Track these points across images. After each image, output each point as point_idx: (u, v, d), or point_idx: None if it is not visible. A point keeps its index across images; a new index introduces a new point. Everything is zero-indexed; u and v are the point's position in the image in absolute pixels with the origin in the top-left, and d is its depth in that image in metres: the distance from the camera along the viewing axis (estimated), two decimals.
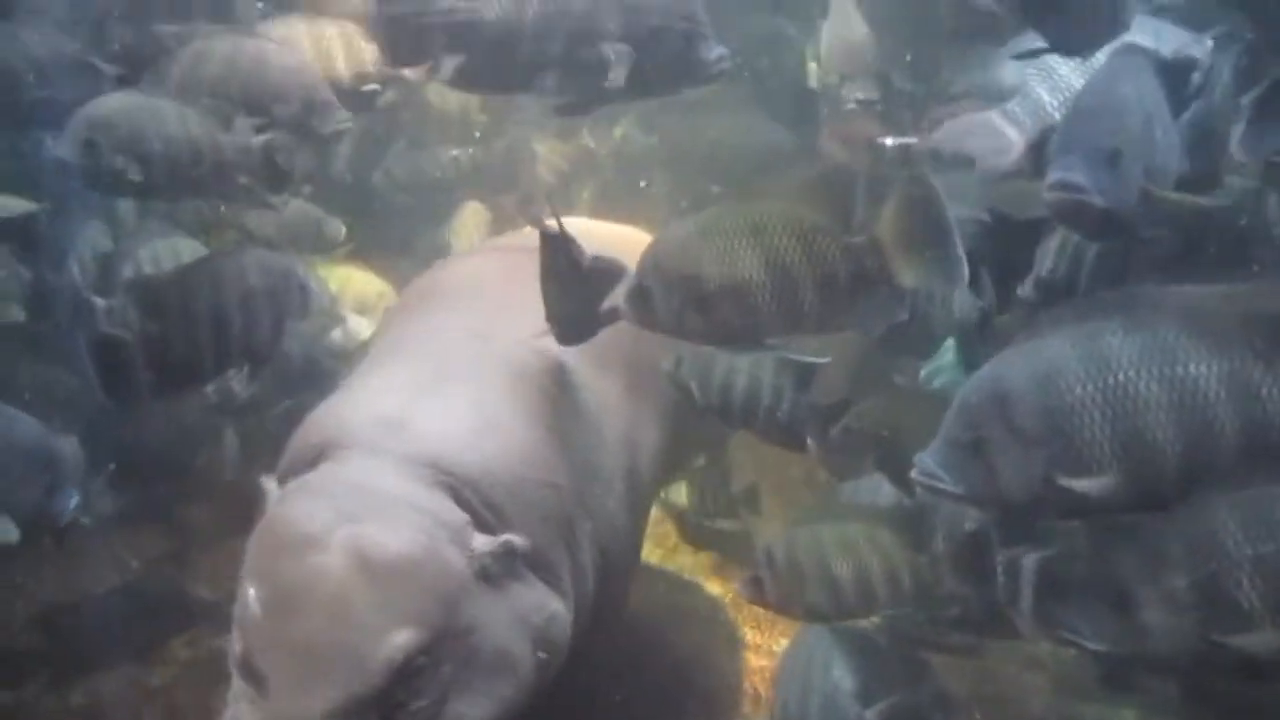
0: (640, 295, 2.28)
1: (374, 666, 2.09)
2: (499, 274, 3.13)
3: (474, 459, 2.41)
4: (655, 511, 4.12)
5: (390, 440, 2.39)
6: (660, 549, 4.26)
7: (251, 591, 2.16)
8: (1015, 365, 2.17)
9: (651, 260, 2.29)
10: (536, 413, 2.63)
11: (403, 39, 2.85)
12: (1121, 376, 2.07)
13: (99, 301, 3.17)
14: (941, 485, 2.19)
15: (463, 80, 2.89)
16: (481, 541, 2.30)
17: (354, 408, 2.53)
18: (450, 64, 2.83)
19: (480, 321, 2.87)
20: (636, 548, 3.16)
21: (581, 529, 2.63)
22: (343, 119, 3.34)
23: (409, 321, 3.03)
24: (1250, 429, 2.09)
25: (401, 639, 2.11)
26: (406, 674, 2.12)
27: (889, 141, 4.07)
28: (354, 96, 3.66)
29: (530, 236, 2.94)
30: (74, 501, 2.79)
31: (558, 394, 2.75)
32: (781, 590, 2.78)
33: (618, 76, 2.78)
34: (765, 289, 2.22)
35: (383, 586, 2.13)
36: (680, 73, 2.87)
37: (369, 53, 3.69)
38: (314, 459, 2.41)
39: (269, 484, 2.40)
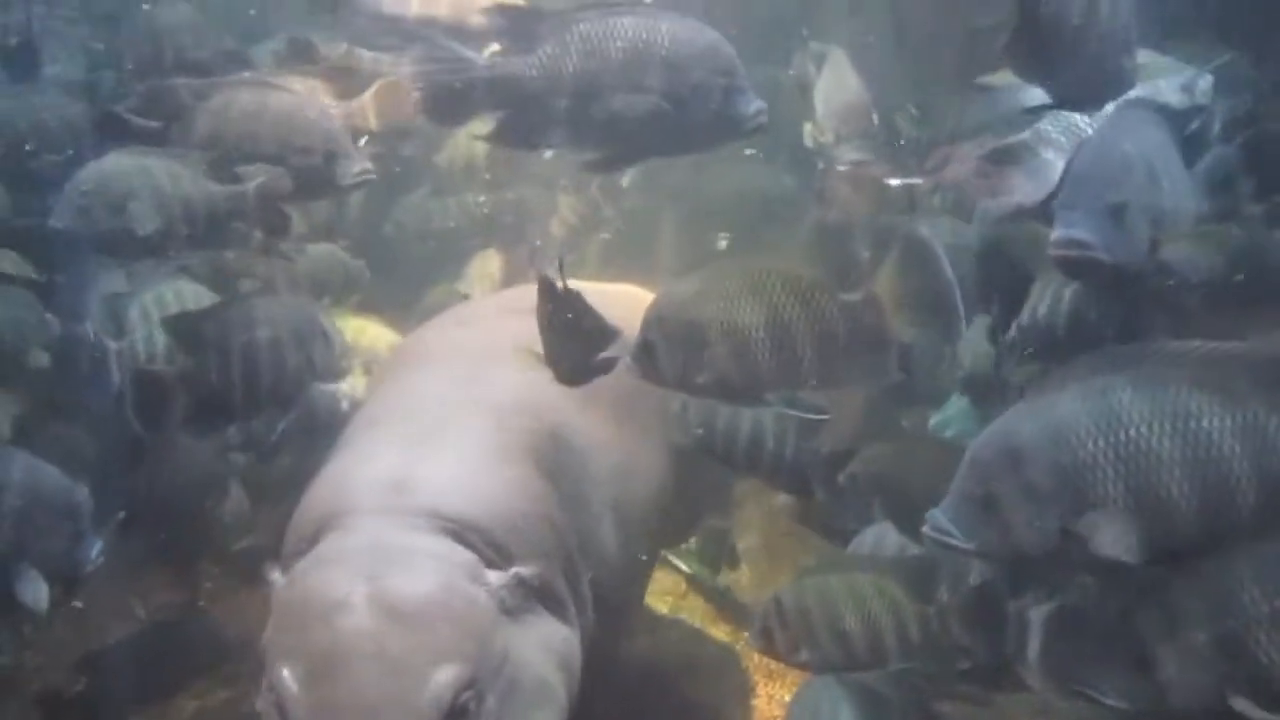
0: (645, 351, 2.33)
1: (425, 709, 2.09)
2: (482, 327, 3.17)
3: (472, 503, 2.45)
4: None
5: (389, 499, 2.41)
6: (671, 596, 4.21)
7: (285, 671, 2.14)
8: (1026, 421, 2.14)
9: (656, 317, 2.34)
10: (523, 451, 2.67)
11: (442, 96, 2.81)
12: (1133, 432, 2.05)
13: (110, 344, 3.19)
14: (953, 541, 2.16)
15: (503, 137, 2.88)
16: (495, 576, 2.33)
17: (349, 475, 2.55)
18: (491, 121, 2.82)
19: (464, 371, 2.91)
20: (633, 578, 3.16)
21: (579, 560, 2.66)
22: (365, 170, 3.33)
23: (395, 382, 3.07)
24: (1266, 482, 2.05)
25: (446, 676, 2.12)
26: (456, 712, 2.12)
27: (895, 182, 4.08)
28: None
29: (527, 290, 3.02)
30: (97, 549, 2.79)
31: (541, 431, 2.78)
32: (791, 641, 2.74)
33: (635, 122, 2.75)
34: (765, 346, 2.26)
35: (415, 631, 2.14)
36: (720, 128, 2.83)
37: (338, 109, 3.71)
38: (316, 533, 2.42)
39: (274, 574, 2.41)
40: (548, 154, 4.04)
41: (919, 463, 3.34)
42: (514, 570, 2.35)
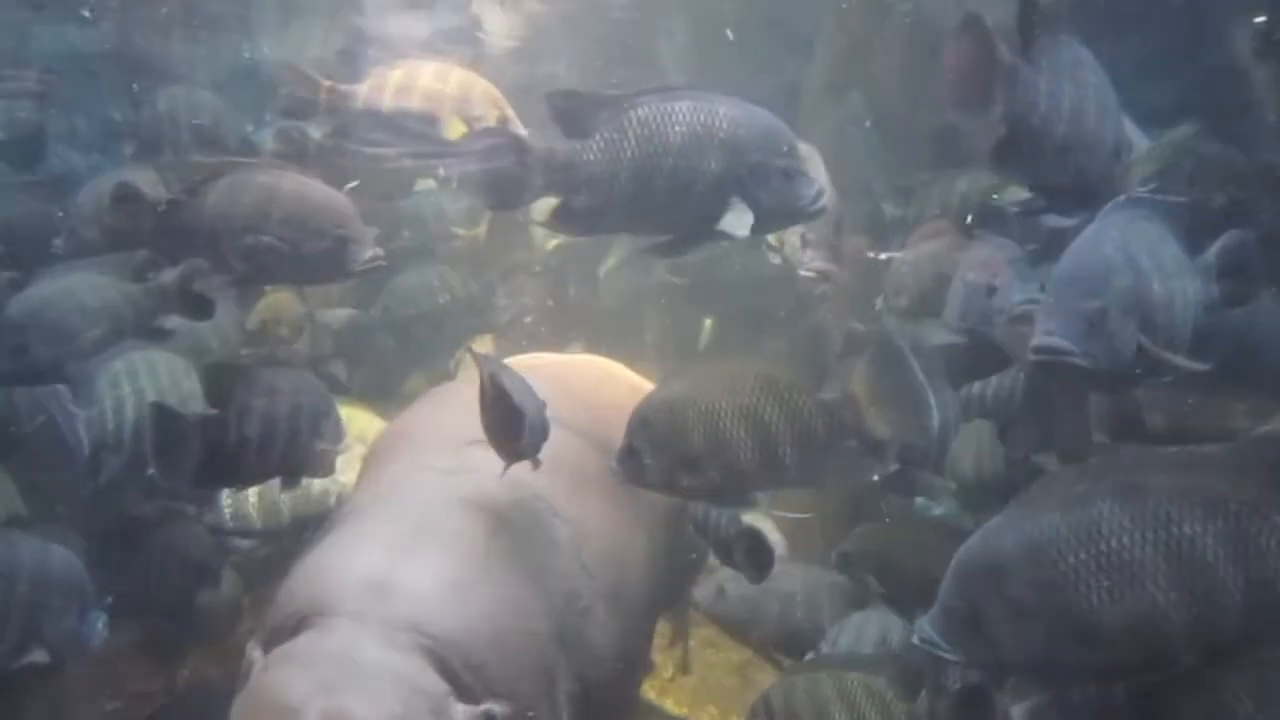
0: (630, 455, 2.32)
1: None
2: (467, 408, 3.10)
3: (455, 620, 2.34)
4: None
5: (372, 605, 2.32)
6: (657, 680, 4.04)
7: None
8: (1006, 535, 2.09)
9: (640, 421, 2.33)
10: (511, 554, 2.57)
11: (500, 183, 2.71)
12: (1114, 542, 1.99)
13: (78, 412, 3.13)
14: (941, 653, 2.09)
15: (564, 224, 2.78)
16: (461, 713, 2.22)
17: (335, 569, 2.47)
18: (552, 208, 2.73)
19: (451, 460, 2.82)
20: (626, 671, 2.98)
21: (559, 669, 2.54)
22: (376, 256, 3.21)
23: (383, 469, 2.98)
24: (1253, 586, 1.99)
25: None
26: None
27: (882, 256, 4.06)
28: None
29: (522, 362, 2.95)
30: (102, 622, 2.77)
31: (531, 528, 2.69)
32: None
33: (739, 226, 2.63)
34: (747, 447, 2.27)
35: None
36: (780, 210, 2.73)
37: None
38: (296, 625, 2.35)
39: (254, 652, 2.34)
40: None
41: (911, 542, 3.28)
42: (484, 708, 2.24)
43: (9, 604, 2.61)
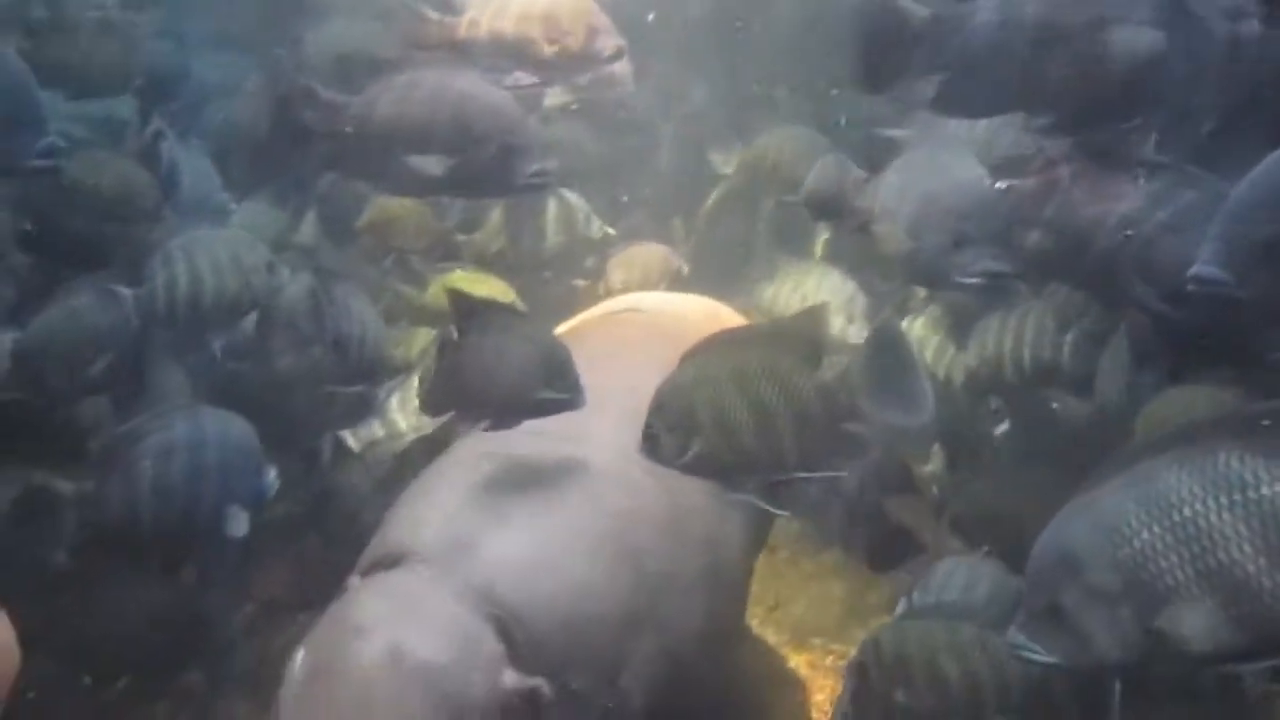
0: (650, 438, 2.38)
1: None
2: (588, 361, 2.85)
3: (525, 597, 2.39)
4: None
5: (454, 562, 2.41)
6: (759, 609, 3.89)
7: (300, 654, 2.26)
8: (1074, 522, 1.91)
9: (657, 406, 2.41)
10: (604, 532, 2.56)
11: (874, 55, 2.41)
12: (1187, 511, 1.77)
13: (126, 291, 3.19)
14: (1033, 656, 1.95)
15: (947, 104, 2.43)
16: (510, 678, 2.28)
17: (430, 521, 2.55)
18: None
19: (566, 423, 2.69)
20: (722, 646, 2.96)
21: (636, 654, 2.53)
22: (543, 171, 2.95)
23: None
24: None
25: None
26: None
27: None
28: None
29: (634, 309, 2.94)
30: (273, 474, 3.02)
31: (633, 506, 2.64)
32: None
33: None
34: (749, 429, 2.30)
35: (402, 685, 2.18)
36: (1214, 73, 2.28)
37: None
38: (392, 563, 2.46)
39: (353, 579, 2.49)
40: None
41: (1018, 496, 3.18)
42: (533, 683, 2.28)
43: (206, 468, 2.86)
